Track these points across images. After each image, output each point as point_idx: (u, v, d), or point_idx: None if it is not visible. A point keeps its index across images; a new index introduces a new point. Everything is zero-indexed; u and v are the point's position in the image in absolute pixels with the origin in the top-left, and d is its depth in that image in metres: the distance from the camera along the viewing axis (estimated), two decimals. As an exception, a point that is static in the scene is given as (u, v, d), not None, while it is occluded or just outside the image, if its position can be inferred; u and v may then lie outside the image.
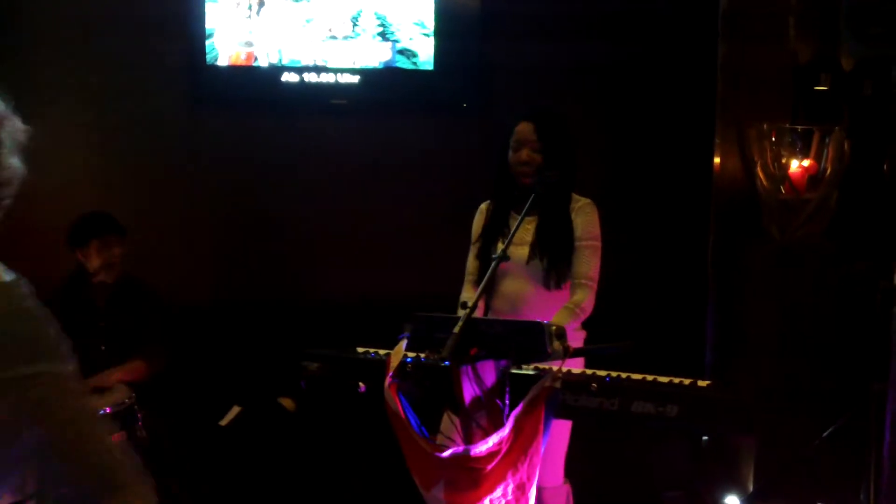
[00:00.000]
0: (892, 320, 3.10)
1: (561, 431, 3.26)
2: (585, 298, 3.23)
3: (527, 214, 3.12)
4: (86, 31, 4.93)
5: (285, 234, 5.09)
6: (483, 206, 3.56)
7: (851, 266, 4.14)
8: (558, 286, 3.31)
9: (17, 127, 1.45)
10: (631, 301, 4.49)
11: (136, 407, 3.70)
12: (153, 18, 4.90)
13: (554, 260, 3.30)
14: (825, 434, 3.92)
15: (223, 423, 4.42)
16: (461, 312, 2.75)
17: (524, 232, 3.35)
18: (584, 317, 3.23)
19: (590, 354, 3.16)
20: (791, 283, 4.26)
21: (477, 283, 3.41)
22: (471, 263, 3.51)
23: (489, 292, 3.37)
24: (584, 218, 3.35)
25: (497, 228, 3.43)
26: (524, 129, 3.34)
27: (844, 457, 3.79)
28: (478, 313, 3.01)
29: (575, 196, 3.40)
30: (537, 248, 3.32)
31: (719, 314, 4.52)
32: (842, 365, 3.97)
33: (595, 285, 3.29)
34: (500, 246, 3.17)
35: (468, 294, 3.40)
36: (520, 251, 3.32)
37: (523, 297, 3.34)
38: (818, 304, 4.19)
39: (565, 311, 3.18)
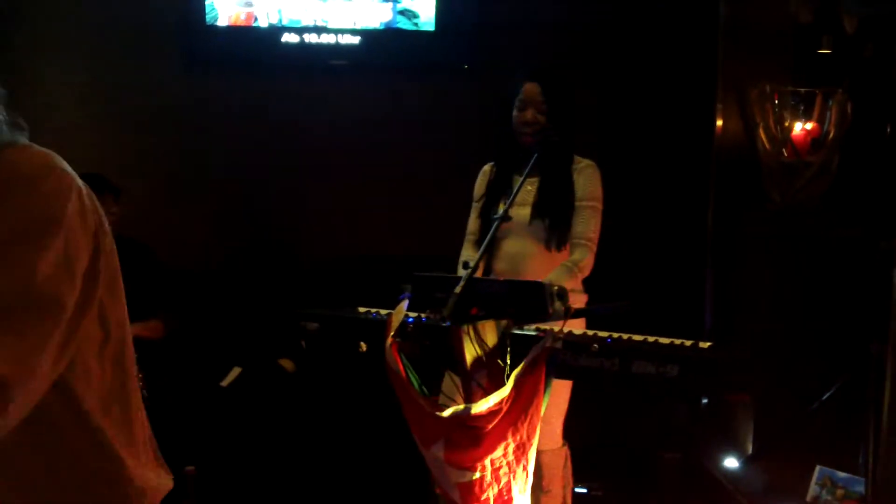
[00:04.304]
0: (891, 281, 3.10)
1: (560, 395, 3.27)
2: (584, 258, 3.22)
3: (529, 175, 3.10)
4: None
5: (284, 196, 5.08)
6: (486, 167, 3.54)
7: (850, 228, 4.14)
8: (560, 247, 3.30)
9: None
10: (632, 263, 4.49)
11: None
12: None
13: (556, 221, 3.29)
14: (824, 396, 3.94)
15: (224, 383, 4.44)
16: (462, 272, 2.75)
17: (526, 193, 3.33)
18: (581, 276, 3.22)
19: (588, 315, 3.15)
20: (790, 246, 4.26)
21: (478, 243, 3.40)
22: (472, 223, 3.50)
23: (490, 253, 3.36)
24: (585, 179, 3.33)
25: (500, 189, 3.41)
26: (531, 89, 3.30)
27: (843, 419, 3.81)
28: (478, 274, 3.00)
29: (577, 157, 3.38)
30: (539, 208, 3.31)
31: (719, 276, 4.52)
32: (841, 326, 3.98)
33: (594, 246, 3.28)
34: (503, 207, 3.15)
35: (469, 254, 3.39)
36: (522, 212, 3.30)
37: (525, 257, 3.32)
38: (817, 266, 4.20)
39: (563, 268, 3.17)
